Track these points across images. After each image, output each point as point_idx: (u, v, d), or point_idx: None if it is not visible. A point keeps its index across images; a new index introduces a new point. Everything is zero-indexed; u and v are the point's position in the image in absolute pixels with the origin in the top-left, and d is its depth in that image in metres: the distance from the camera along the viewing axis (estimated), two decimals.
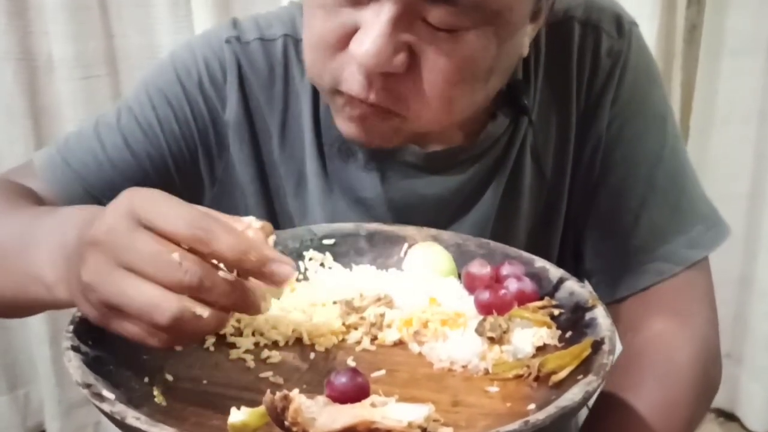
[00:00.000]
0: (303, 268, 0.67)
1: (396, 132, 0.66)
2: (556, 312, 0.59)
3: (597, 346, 0.52)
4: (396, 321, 0.59)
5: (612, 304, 0.76)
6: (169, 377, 0.52)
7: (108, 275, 0.45)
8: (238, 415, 0.45)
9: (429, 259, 0.66)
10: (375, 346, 0.58)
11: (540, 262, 0.64)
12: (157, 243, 0.45)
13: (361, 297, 0.61)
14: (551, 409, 0.44)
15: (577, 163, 0.77)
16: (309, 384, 0.53)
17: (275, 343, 0.58)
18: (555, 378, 0.51)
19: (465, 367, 0.55)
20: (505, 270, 0.63)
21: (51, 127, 1.53)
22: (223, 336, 0.57)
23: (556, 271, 0.62)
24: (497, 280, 0.63)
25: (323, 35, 0.62)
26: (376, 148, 0.72)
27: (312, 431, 0.43)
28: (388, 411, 0.44)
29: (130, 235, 0.45)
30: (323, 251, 0.69)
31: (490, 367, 0.54)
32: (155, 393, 0.50)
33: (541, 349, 0.56)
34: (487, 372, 0.54)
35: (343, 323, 0.59)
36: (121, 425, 0.43)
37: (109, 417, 0.44)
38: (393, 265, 0.68)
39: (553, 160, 0.77)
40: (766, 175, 1.60)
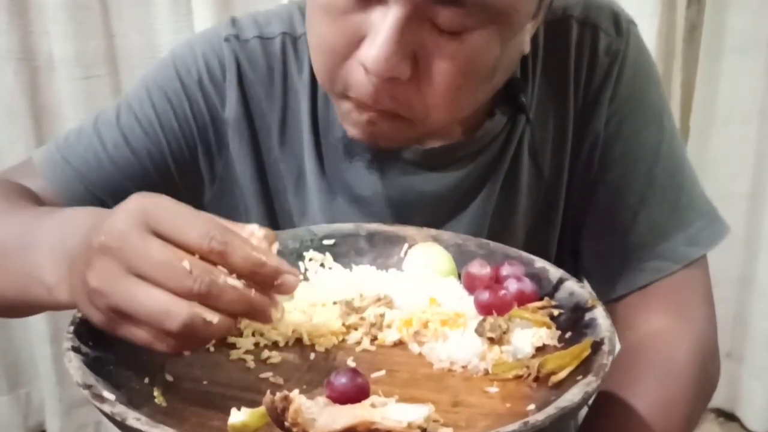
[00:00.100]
0: (303, 269, 0.67)
1: (403, 133, 0.66)
2: (556, 312, 0.59)
3: (596, 346, 0.52)
4: (396, 321, 0.59)
5: (610, 302, 0.76)
6: (169, 377, 0.52)
7: (118, 281, 0.46)
8: (238, 416, 0.45)
9: (429, 259, 0.66)
10: (375, 347, 0.58)
11: (540, 262, 0.64)
12: (168, 250, 0.45)
13: (361, 297, 0.61)
14: (551, 409, 0.44)
15: (575, 160, 0.77)
16: (309, 384, 0.53)
17: (275, 344, 0.58)
18: (554, 378, 0.51)
19: (465, 367, 0.55)
20: (504, 270, 0.63)
21: (51, 126, 1.53)
22: (224, 336, 0.58)
23: (555, 272, 0.62)
24: (497, 280, 0.63)
25: (330, 41, 0.62)
26: (378, 147, 0.72)
27: None
28: (388, 411, 0.44)
29: (141, 242, 0.46)
30: (323, 251, 0.69)
31: (489, 367, 0.54)
32: (155, 393, 0.50)
33: (540, 349, 0.56)
34: (486, 372, 0.54)
35: (343, 323, 0.59)
36: (122, 426, 0.43)
37: (110, 418, 0.44)
38: (393, 265, 0.68)
39: (551, 158, 0.77)
40: (767, 174, 1.60)
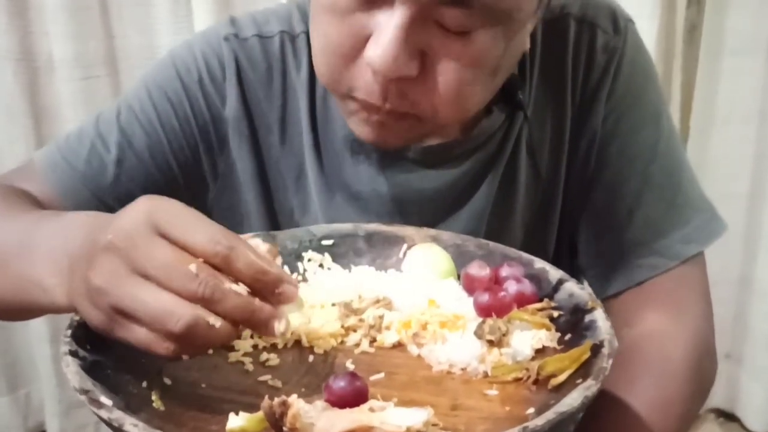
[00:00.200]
0: (302, 269, 0.67)
1: (412, 131, 0.66)
2: (556, 314, 0.59)
3: (596, 349, 0.52)
4: (395, 323, 0.59)
5: (607, 299, 0.76)
6: (167, 381, 0.52)
7: (122, 280, 0.46)
8: (236, 421, 0.45)
9: (428, 260, 0.66)
10: (374, 349, 0.58)
11: (539, 263, 0.64)
12: (174, 253, 0.46)
13: (360, 299, 0.61)
14: (550, 414, 0.44)
15: (573, 158, 0.78)
16: (308, 387, 0.52)
17: (274, 346, 0.57)
18: (554, 381, 0.51)
19: (464, 369, 0.55)
20: (504, 272, 0.63)
21: (51, 127, 1.52)
22: (223, 345, 0.57)
23: (555, 273, 0.62)
24: (496, 281, 0.62)
25: (336, 42, 0.62)
26: (379, 145, 0.72)
27: None
28: (386, 416, 0.44)
29: (148, 243, 0.46)
30: (322, 252, 0.69)
31: (489, 369, 0.54)
32: (153, 397, 0.50)
33: (540, 351, 0.56)
34: (486, 375, 0.54)
35: (341, 325, 0.59)
36: None
37: (107, 423, 0.44)
38: (392, 265, 0.68)
39: (549, 155, 0.78)
40: (766, 174, 1.60)
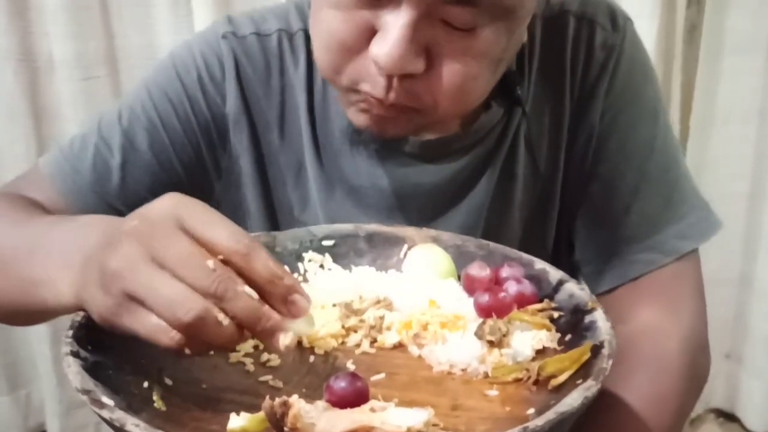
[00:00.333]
0: (302, 270, 0.67)
1: (409, 124, 0.67)
2: (556, 315, 0.59)
3: (596, 350, 0.52)
4: (395, 324, 0.59)
5: (602, 294, 0.77)
6: (168, 381, 0.52)
7: (139, 265, 0.46)
8: (237, 421, 0.45)
9: (428, 260, 0.66)
10: (374, 349, 0.58)
11: (540, 263, 0.64)
12: (194, 247, 0.47)
13: (361, 299, 0.61)
14: (550, 414, 0.44)
15: (571, 153, 0.78)
16: (308, 387, 0.53)
17: None
18: (554, 382, 0.51)
19: (464, 370, 0.55)
20: (504, 272, 0.63)
21: (51, 127, 1.53)
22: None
23: (555, 273, 0.62)
24: (497, 282, 0.63)
25: (340, 37, 0.62)
26: (377, 138, 0.73)
27: None
28: (387, 416, 0.44)
29: (170, 234, 0.47)
30: (323, 252, 0.69)
31: (489, 370, 0.54)
32: (155, 398, 0.50)
33: (540, 352, 0.56)
34: (486, 375, 0.54)
35: (342, 326, 0.59)
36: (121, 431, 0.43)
37: (109, 423, 0.44)
38: (392, 266, 0.68)
39: (547, 150, 0.78)
40: (766, 174, 1.60)
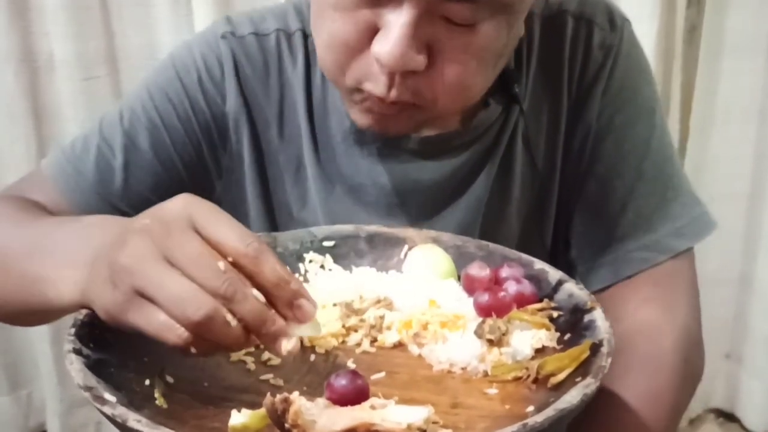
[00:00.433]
0: (303, 270, 0.68)
1: (410, 121, 0.67)
2: (555, 314, 0.59)
3: (595, 348, 0.52)
4: (395, 323, 0.59)
5: (596, 292, 0.77)
6: (170, 379, 0.52)
7: (151, 262, 0.47)
8: (238, 418, 0.45)
9: (429, 260, 0.66)
10: (375, 348, 0.58)
11: (539, 264, 0.64)
12: (206, 248, 0.47)
13: (361, 299, 0.61)
14: (549, 411, 0.44)
15: (568, 152, 0.79)
16: (309, 386, 0.53)
17: None
18: (554, 380, 0.51)
19: (464, 369, 0.55)
20: (504, 272, 0.63)
21: (52, 127, 1.53)
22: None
23: (555, 273, 0.63)
24: (496, 282, 0.63)
25: (342, 37, 0.62)
26: (379, 137, 0.74)
27: None
28: (387, 413, 0.44)
29: (182, 233, 0.47)
30: (323, 253, 0.69)
31: (489, 369, 0.55)
32: (156, 395, 0.50)
33: (539, 351, 0.56)
34: (486, 374, 0.55)
35: (343, 325, 0.59)
36: (123, 428, 0.44)
37: (111, 420, 0.44)
38: (393, 267, 0.69)
39: (545, 148, 0.79)
40: (766, 174, 1.60)
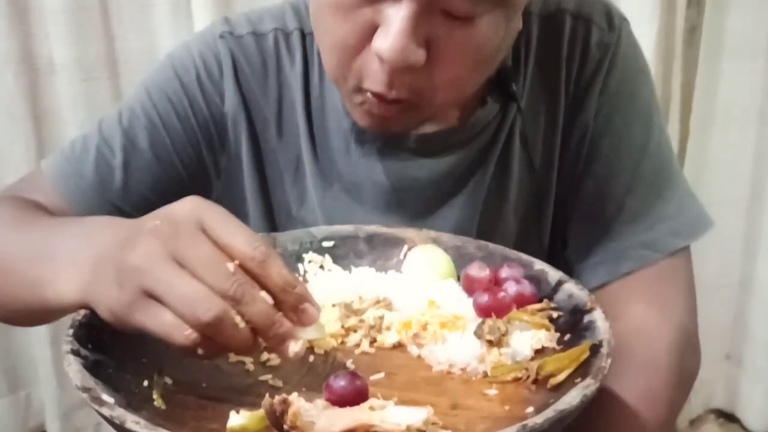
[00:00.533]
0: (302, 271, 0.68)
1: (411, 117, 0.67)
2: (555, 315, 0.59)
3: (595, 349, 0.52)
4: (395, 324, 0.59)
5: (594, 290, 0.76)
6: (168, 380, 0.52)
7: (160, 263, 0.47)
8: (237, 419, 0.45)
9: (428, 261, 0.66)
10: (374, 349, 0.58)
11: (539, 264, 0.64)
12: (215, 250, 0.48)
13: (360, 300, 0.61)
14: (549, 412, 0.44)
15: (565, 151, 0.79)
16: (308, 387, 0.53)
17: None
18: (553, 381, 0.51)
19: (464, 369, 0.55)
20: (503, 273, 0.63)
21: (52, 129, 1.53)
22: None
23: (554, 274, 0.63)
24: (496, 282, 0.63)
25: (343, 36, 0.62)
26: (380, 136, 0.74)
27: None
28: (386, 414, 0.44)
29: (192, 235, 0.48)
30: (322, 253, 0.69)
31: (488, 369, 0.54)
32: (155, 396, 0.50)
33: (539, 351, 0.56)
34: (485, 375, 0.54)
35: (342, 326, 0.59)
36: (121, 429, 0.43)
37: (109, 421, 0.44)
38: (392, 267, 0.69)
39: (542, 147, 0.79)
40: (766, 176, 1.60)
